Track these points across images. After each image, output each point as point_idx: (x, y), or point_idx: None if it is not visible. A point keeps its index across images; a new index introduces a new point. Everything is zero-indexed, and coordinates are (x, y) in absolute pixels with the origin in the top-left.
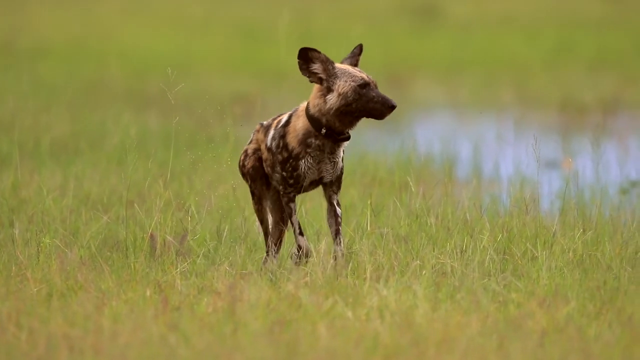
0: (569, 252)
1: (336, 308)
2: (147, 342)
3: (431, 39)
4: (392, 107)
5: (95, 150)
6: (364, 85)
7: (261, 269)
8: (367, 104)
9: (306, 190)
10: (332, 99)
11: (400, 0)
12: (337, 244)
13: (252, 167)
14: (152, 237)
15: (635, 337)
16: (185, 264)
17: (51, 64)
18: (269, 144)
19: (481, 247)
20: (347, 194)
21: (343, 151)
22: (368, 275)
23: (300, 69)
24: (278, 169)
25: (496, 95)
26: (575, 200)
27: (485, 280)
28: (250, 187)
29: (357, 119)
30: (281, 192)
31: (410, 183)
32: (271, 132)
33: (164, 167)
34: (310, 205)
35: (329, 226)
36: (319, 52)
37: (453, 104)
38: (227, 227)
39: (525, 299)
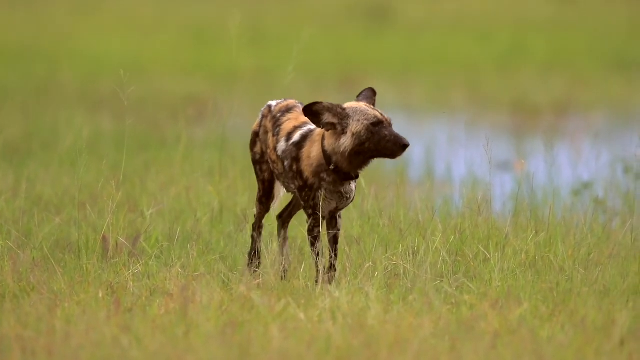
0: (521, 253)
1: (288, 309)
2: (99, 344)
3: (383, 40)
4: (405, 147)
5: (48, 152)
6: (377, 123)
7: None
8: (380, 142)
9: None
10: (347, 141)
11: (352, 1)
12: (330, 257)
13: (260, 152)
14: (104, 238)
15: (588, 339)
16: (138, 265)
17: (3, 65)
18: (280, 153)
19: (433, 248)
20: None
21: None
22: (320, 277)
23: (315, 124)
24: (291, 185)
25: (448, 97)
26: (527, 202)
27: (438, 282)
28: (257, 172)
29: (369, 159)
30: (308, 227)
31: (363, 184)
32: (282, 143)
33: (117, 168)
34: None
35: (327, 232)
36: (321, 103)
37: (405, 106)
38: (179, 229)
39: (477, 300)
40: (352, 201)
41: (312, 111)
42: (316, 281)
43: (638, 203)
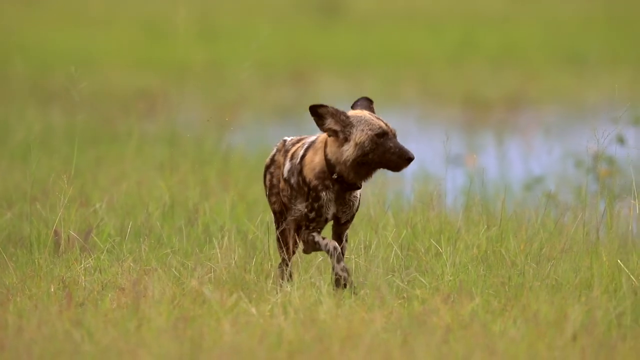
0: (473, 248)
1: (240, 304)
2: (51, 338)
3: (335, 34)
4: (409, 160)
5: None
6: (382, 134)
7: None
8: (384, 154)
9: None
10: (349, 150)
11: None
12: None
13: (270, 185)
14: (56, 233)
15: (540, 333)
16: (90, 260)
17: None
18: (285, 175)
19: (385, 243)
20: (252, 191)
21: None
22: (272, 270)
23: (318, 125)
24: (297, 203)
25: (400, 91)
26: (479, 196)
27: (390, 277)
28: (271, 207)
29: (373, 170)
30: (303, 230)
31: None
32: (287, 164)
33: (68, 163)
34: (214, 201)
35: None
36: (327, 106)
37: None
38: (130, 223)
39: (429, 295)
40: (356, 210)
41: (317, 112)
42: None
43: (590, 197)
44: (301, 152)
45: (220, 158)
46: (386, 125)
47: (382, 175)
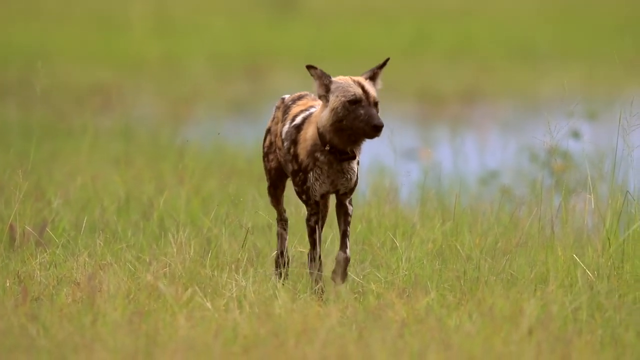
0: (428, 242)
1: (195, 298)
2: (7, 332)
3: (289, 29)
4: (376, 127)
5: None
6: (354, 101)
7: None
8: (354, 121)
9: (322, 204)
10: (325, 115)
11: None
12: (341, 247)
13: (269, 144)
14: (11, 227)
15: (496, 328)
16: (45, 254)
17: None
18: (283, 136)
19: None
20: (206, 185)
21: (358, 162)
22: (227, 265)
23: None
24: (289, 166)
25: None
26: (434, 191)
27: None
28: (264, 164)
29: (354, 137)
30: (307, 216)
31: None
32: (287, 125)
33: (23, 157)
34: (169, 196)
35: (338, 225)
36: (315, 68)
37: (310, 93)
38: (86, 218)
39: (384, 289)
40: (354, 183)
41: (311, 72)
42: (311, 273)
43: (545, 192)
44: (298, 121)
45: (176, 152)
46: (365, 92)
47: None
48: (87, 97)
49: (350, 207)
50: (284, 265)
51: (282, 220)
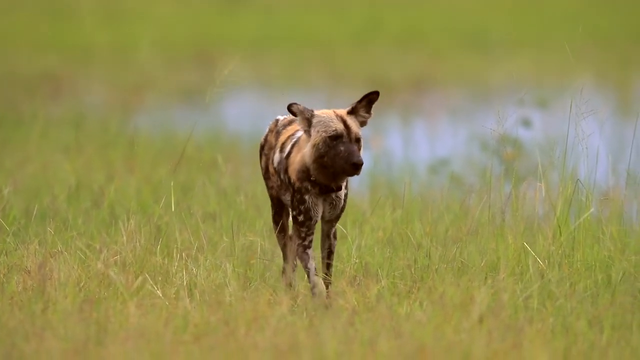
0: (379, 230)
1: (146, 286)
2: None
3: (239, 17)
4: (355, 165)
5: None
6: (335, 137)
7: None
8: (334, 158)
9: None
10: (308, 151)
11: None
12: (325, 281)
13: (265, 167)
14: None
15: (447, 316)
16: None
17: None
18: (275, 165)
19: (291, 226)
20: (156, 173)
21: (347, 186)
22: (177, 253)
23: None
24: (287, 195)
25: (305, 73)
26: (385, 179)
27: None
28: (267, 189)
29: (335, 174)
30: (296, 241)
31: (219, 161)
32: (277, 155)
33: None
34: (119, 184)
35: (322, 257)
36: (297, 105)
37: (261, 82)
38: (36, 206)
39: (335, 277)
40: (342, 210)
41: (291, 111)
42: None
43: (495, 180)
44: (288, 148)
45: (126, 141)
46: (346, 127)
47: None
48: (37, 86)
49: (334, 242)
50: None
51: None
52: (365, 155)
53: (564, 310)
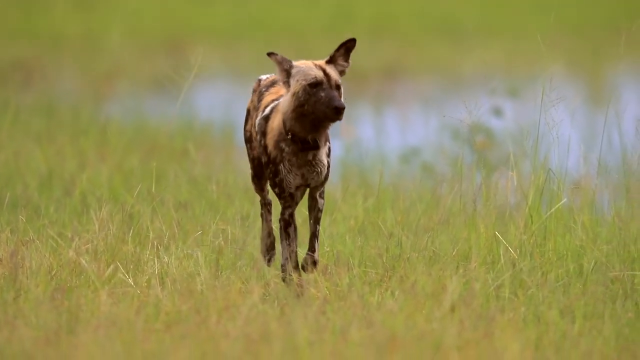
0: (350, 219)
1: (117, 275)
2: None
3: (211, 5)
4: (337, 109)
5: None
6: (315, 84)
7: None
8: (315, 105)
9: (298, 199)
10: (287, 100)
11: None
12: (310, 249)
13: (250, 129)
14: None
15: (418, 304)
16: None
17: None
18: (256, 128)
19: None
20: (128, 161)
21: (329, 154)
22: (149, 241)
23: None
24: (264, 164)
25: None
26: (356, 168)
27: None
28: (247, 151)
29: (316, 122)
30: (281, 212)
31: (191, 150)
32: (259, 117)
33: None
34: (91, 172)
35: (309, 222)
36: (276, 54)
37: (233, 71)
38: (8, 194)
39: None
40: (325, 177)
41: (272, 60)
42: (283, 268)
43: (466, 169)
44: (267, 112)
45: (98, 129)
46: (326, 75)
47: None
48: (8, 73)
49: (321, 201)
50: (272, 246)
51: (266, 204)
52: (336, 144)
53: (535, 299)
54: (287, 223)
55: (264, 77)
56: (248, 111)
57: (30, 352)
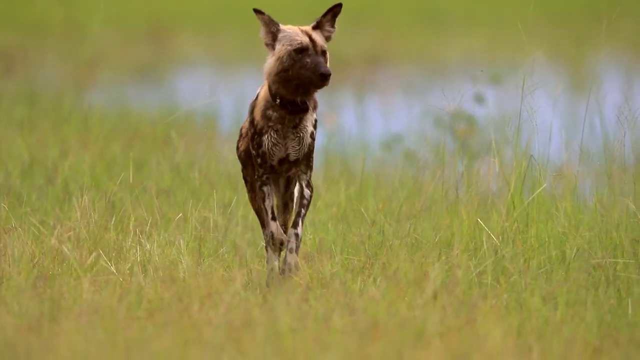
0: (332, 206)
1: (100, 262)
2: None
3: None
4: (323, 76)
5: None
6: (300, 50)
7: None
8: (300, 70)
9: (280, 172)
10: (271, 63)
11: None
12: (293, 225)
13: (245, 150)
14: None
15: (401, 292)
16: None
17: None
18: (249, 109)
19: (244, 201)
20: (110, 149)
21: (315, 126)
22: (131, 229)
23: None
24: (250, 146)
25: (258, 49)
26: (338, 155)
27: (249, 235)
28: (242, 172)
29: (301, 87)
30: (256, 176)
31: (173, 137)
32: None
33: None
34: (73, 160)
35: (294, 206)
36: (263, 13)
37: (216, 57)
38: None
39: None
40: (309, 149)
41: (259, 18)
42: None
43: (448, 156)
44: (258, 91)
45: (80, 117)
46: (312, 41)
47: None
48: None
49: (307, 191)
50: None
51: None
52: (318, 131)
53: (517, 286)
54: (264, 183)
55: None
56: (240, 131)
57: (13, 340)
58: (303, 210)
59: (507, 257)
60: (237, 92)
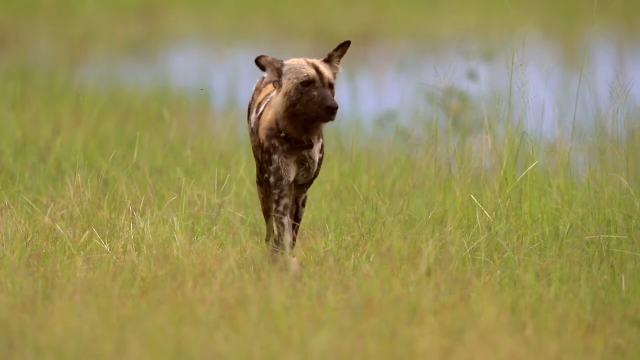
0: (326, 183)
1: (93, 240)
2: None
3: None
4: (329, 109)
5: None
6: (307, 82)
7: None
8: (308, 104)
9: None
10: (279, 100)
11: None
12: (294, 219)
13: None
14: None
15: (394, 268)
16: None
17: None
18: (252, 125)
19: (238, 178)
20: (103, 126)
21: (321, 151)
22: (124, 207)
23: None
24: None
25: (250, 25)
26: (331, 132)
27: (242, 213)
28: (253, 150)
29: (308, 122)
30: (273, 206)
31: (166, 115)
32: (254, 114)
33: None
34: (66, 138)
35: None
36: (265, 56)
37: (207, 35)
38: None
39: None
40: (315, 174)
41: (260, 64)
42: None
43: (441, 132)
44: (262, 109)
45: (72, 94)
46: (319, 73)
47: (233, 111)
48: None
49: (302, 210)
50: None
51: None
52: None
53: (511, 262)
54: (283, 214)
55: (265, 75)
56: (249, 107)
57: (6, 318)
58: (295, 236)
59: (501, 234)
60: (230, 68)
